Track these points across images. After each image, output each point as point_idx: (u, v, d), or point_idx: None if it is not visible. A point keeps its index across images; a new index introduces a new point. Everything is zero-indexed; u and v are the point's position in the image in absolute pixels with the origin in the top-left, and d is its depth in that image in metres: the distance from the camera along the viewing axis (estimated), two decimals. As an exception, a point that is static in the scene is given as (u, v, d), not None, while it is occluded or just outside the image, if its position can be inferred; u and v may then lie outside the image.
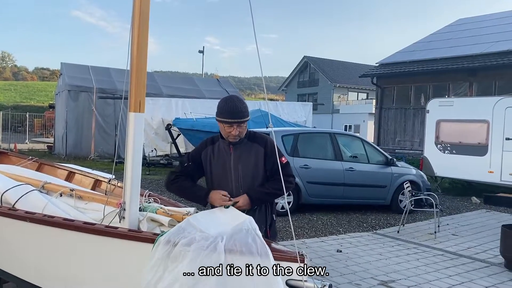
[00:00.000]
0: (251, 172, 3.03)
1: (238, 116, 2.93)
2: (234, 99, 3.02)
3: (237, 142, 3.02)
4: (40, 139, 26.60)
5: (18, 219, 3.13)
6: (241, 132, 2.99)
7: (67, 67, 20.11)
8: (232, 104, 2.96)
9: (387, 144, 20.85)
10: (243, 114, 2.96)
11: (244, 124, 3.00)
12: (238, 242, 2.34)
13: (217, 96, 20.40)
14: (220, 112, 2.98)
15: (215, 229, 2.51)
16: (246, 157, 3.03)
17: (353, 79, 40.05)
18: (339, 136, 9.48)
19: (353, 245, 6.55)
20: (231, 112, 2.93)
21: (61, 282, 3.02)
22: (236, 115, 2.93)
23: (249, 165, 3.03)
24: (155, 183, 11.89)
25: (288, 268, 2.29)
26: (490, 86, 17.79)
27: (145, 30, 2.85)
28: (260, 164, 3.05)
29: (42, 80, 77.75)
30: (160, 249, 2.42)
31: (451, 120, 12.04)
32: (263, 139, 3.09)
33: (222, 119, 2.96)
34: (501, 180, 10.83)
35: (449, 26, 24.36)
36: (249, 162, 3.03)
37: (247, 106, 3.02)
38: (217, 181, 3.07)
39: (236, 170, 3.03)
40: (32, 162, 5.23)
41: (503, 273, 5.51)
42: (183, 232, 2.46)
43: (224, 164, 3.05)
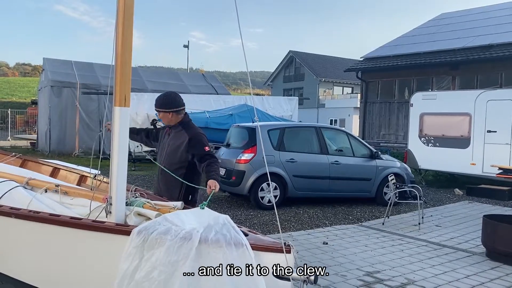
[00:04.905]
0: (172, 152, 3.92)
1: (159, 107, 3.94)
2: (163, 95, 4.02)
3: (173, 127, 3.99)
4: (23, 136, 26.16)
5: (2, 215, 3.09)
6: (167, 120, 3.96)
7: (49, 62, 19.77)
8: (159, 98, 3.98)
9: (372, 137, 21.06)
10: (163, 106, 3.92)
11: (168, 114, 3.92)
12: (213, 232, 2.38)
13: (203, 91, 20.32)
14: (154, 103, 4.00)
15: (190, 225, 2.54)
16: (176, 139, 3.94)
17: (338, 73, 40.26)
18: (324, 130, 9.54)
19: (339, 237, 6.63)
20: (155, 104, 3.96)
21: (47, 278, 3.01)
22: (158, 106, 3.95)
23: (175, 144, 3.93)
24: (141, 178, 11.84)
25: (274, 258, 2.32)
26: (472, 79, 18.07)
27: (129, 25, 2.84)
28: (180, 148, 3.88)
29: (24, 76, 76.38)
30: (135, 238, 2.42)
31: (434, 113, 12.21)
32: (192, 132, 3.94)
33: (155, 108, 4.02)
34: (483, 172, 11.04)
35: (432, 21, 24.62)
36: (175, 142, 3.93)
37: (179, 102, 3.95)
38: (158, 153, 4.16)
39: (167, 146, 3.98)
40: (15, 158, 5.15)
41: (484, 262, 5.64)
42: (158, 225, 2.48)
43: (163, 140, 4.09)
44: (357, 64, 23.40)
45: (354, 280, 4.79)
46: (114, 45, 2.87)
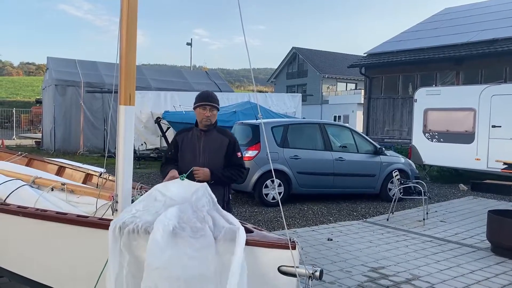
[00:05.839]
0: (215, 156, 3.62)
1: (209, 100, 3.63)
2: (208, 91, 3.80)
3: (208, 131, 3.65)
4: (28, 135, 26.25)
5: (10, 214, 3.13)
6: (212, 116, 3.62)
7: (53, 61, 19.83)
8: (206, 92, 3.73)
9: (376, 133, 21.02)
10: (213, 100, 3.65)
11: (215, 111, 3.64)
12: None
13: (206, 88, 20.29)
14: (196, 100, 3.66)
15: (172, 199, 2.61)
16: (213, 143, 3.64)
17: (341, 69, 40.16)
18: (328, 126, 9.54)
19: (344, 233, 6.64)
20: (204, 97, 3.65)
21: (55, 275, 3.04)
22: (208, 99, 3.64)
23: (214, 149, 3.63)
24: (146, 176, 11.88)
25: (280, 255, 2.33)
26: (476, 74, 17.99)
27: (134, 23, 2.85)
28: (222, 152, 3.64)
29: (28, 75, 76.66)
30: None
31: (439, 108, 12.16)
32: (230, 135, 3.78)
33: (197, 104, 3.64)
34: (487, 167, 11.01)
35: (436, 16, 24.49)
36: (215, 147, 3.63)
37: (219, 101, 3.72)
38: (187, 159, 3.60)
39: (204, 151, 3.62)
40: (21, 157, 5.19)
41: (489, 257, 5.64)
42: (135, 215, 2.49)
43: (195, 147, 3.64)
44: (361, 60, 23.34)
45: (359, 276, 4.80)
46: (118, 44, 2.88)
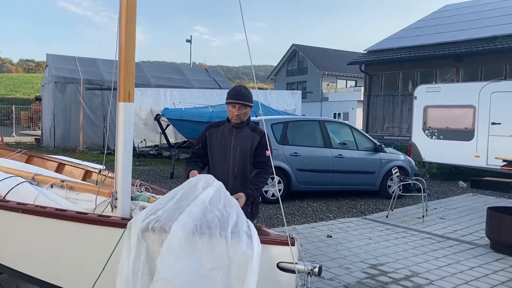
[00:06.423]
0: (246, 154, 3.48)
1: (239, 98, 3.44)
2: (241, 86, 3.55)
3: (240, 127, 3.48)
4: (27, 132, 26.27)
5: (9, 210, 3.13)
6: (242, 114, 3.45)
7: (53, 58, 19.82)
8: (237, 89, 3.51)
9: (376, 130, 21.02)
10: (244, 98, 3.45)
11: (246, 108, 3.46)
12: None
13: (206, 85, 20.30)
14: (227, 96, 3.50)
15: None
16: (245, 141, 3.49)
17: (341, 66, 40.07)
18: (328, 123, 9.55)
19: (343, 230, 6.65)
20: (234, 95, 3.46)
21: (54, 272, 3.04)
22: (237, 97, 3.44)
23: (246, 148, 3.48)
24: (145, 173, 11.88)
25: (279, 251, 2.34)
26: (476, 71, 17.97)
27: (133, 20, 2.85)
28: (252, 150, 3.49)
29: (28, 72, 76.46)
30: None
31: (438, 105, 12.17)
32: (262, 131, 3.52)
33: (227, 101, 3.48)
34: (487, 164, 11.02)
35: (436, 13, 24.44)
36: (246, 145, 3.48)
37: (252, 97, 3.51)
38: (217, 157, 3.52)
39: (235, 149, 3.48)
40: (21, 154, 5.19)
41: (488, 254, 5.66)
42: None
43: (225, 143, 3.50)
44: (361, 57, 23.31)
45: (358, 272, 4.82)
46: (117, 41, 2.88)
